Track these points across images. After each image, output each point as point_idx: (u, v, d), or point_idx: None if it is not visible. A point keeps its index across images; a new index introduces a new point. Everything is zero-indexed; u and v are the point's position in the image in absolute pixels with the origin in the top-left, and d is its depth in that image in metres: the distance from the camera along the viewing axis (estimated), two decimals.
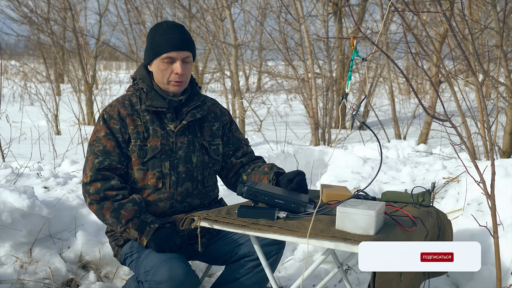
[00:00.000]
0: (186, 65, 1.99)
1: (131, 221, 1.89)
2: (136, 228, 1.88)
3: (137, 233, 1.88)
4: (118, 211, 1.89)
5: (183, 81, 2.00)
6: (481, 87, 1.99)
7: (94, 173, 1.91)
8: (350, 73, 1.66)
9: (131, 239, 1.96)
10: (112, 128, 1.96)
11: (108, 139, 1.95)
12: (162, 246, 1.87)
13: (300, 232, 1.59)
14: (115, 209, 1.89)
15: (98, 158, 1.93)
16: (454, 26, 3.61)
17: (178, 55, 1.96)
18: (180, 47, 1.96)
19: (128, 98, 2.03)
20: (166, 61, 1.97)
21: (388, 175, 3.66)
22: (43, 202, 2.55)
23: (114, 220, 1.90)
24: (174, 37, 1.96)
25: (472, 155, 2.21)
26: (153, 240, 1.87)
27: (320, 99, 6.81)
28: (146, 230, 1.88)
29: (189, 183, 2.00)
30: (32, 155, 4.05)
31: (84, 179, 1.94)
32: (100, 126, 1.97)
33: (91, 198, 1.91)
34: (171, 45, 1.95)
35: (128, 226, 1.89)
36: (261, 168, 2.09)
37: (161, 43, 1.96)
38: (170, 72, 1.97)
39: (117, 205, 1.89)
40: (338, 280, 2.57)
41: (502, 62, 3.82)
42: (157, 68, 1.99)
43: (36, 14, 9.38)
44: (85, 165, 1.97)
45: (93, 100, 8.19)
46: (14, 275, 2.34)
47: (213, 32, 7.29)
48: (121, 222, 1.89)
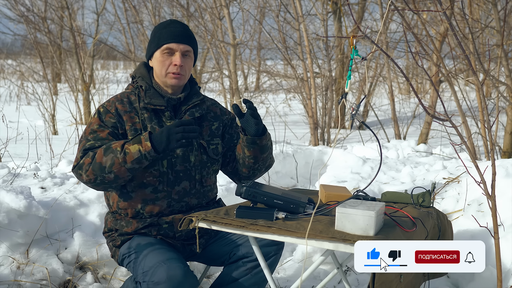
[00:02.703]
0: (186, 59, 2.00)
1: (125, 143, 1.83)
2: (133, 144, 1.82)
3: (137, 145, 1.81)
4: (109, 147, 1.84)
5: (181, 74, 1.99)
6: (481, 86, 1.97)
7: (83, 151, 1.88)
8: (350, 73, 1.65)
9: (136, 160, 1.82)
10: (107, 121, 1.94)
11: (103, 130, 1.93)
12: (169, 138, 1.80)
13: (299, 232, 1.58)
14: (105, 149, 1.84)
15: (90, 142, 1.91)
16: (455, 25, 3.60)
17: (178, 47, 1.98)
18: (180, 39, 1.98)
19: (127, 96, 2.02)
20: (166, 52, 1.98)
21: (388, 176, 3.65)
22: (40, 202, 2.53)
23: (111, 156, 1.82)
24: (175, 30, 1.99)
25: (473, 155, 2.20)
26: (156, 138, 1.81)
27: (319, 99, 6.80)
28: (143, 137, 1.82)
29: (187, 182, 1.99)
30: (29, 155, 4.04)
31: (74, 163, 1.90)
32: (94, 119, 1.97)
33: (83, 164, 1.85)
34: (172, 37, 1.97)
35: (126, 147, 1.82)
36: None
37: (162, 35, 1.99)
38: (169, 63, 1.98)
39: (106, 146, 1.85)
40: (338, 281, 2.56)
41: (503, 61, 3.81)
42: (156, 60, 2.00)
43: (33, 13, 9.37)
44: (76, 151, 1.94)
45: (90, 99, 8.16)
46: (11, 276, 2.32)
47: (212, 31, 7.27)
48: (118, 151, 1.82)
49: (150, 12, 8.84)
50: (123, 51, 10.83)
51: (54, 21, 9.73)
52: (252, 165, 2.04)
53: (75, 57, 8.52)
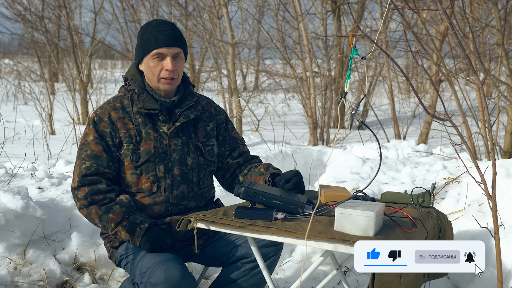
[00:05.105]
0: (177, 61, 1.95)
1: (120, 223, 1.87)
2: (126, 230, 1.86)
3: (128, 235, 1.87)
4: (106, 215, 1.87)
5: (174, 77, 1.96)
6: (482, 86, 1.96)
7: (81, 179, 1.89)
8: (349, 72, 1.64)
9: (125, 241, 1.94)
10: (102, 132, 1.93)
11: (97, 144, 1.92)
12: (154, 247, 1.85)
13: (298, 233, 1.57)
14: (103, 214, 1.87)
15: (86, 163, 1.91)
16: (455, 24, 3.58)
17: (168, 51, 1.93)
18: (170, 43, 1.93)
19: (120, 100, 1.99)
20: (156, 58, 1.93)
21: (388, 176, 3.64)
22: (37, 203, 2.52)
23: (104, 224, 1.89)
24: (163, 33, 1.93)
25: (473, 155, 2.19)
26: (145, 241, 1.85)
27: (319, 98, 6.78)
28: (137, 231, 1.86)
29: (185, 185, 1.98)
30: (26, 155, 4.02)
31: (72, 184, 1.93)
32: (89, 130, 1.95)
33: (80, 203, 1.90)
34: (160, 41, 1.92)
35: (119, 229, 1.87)
36: (257, 169, 2.07)
37: (150, 40, 1.93)
38: (160, 69, 1.94)
39: (105, 209, 1.87)
40: (337, 282, 2.55)
41: (503, 60, 3.80)
42: (147, 66, 1.96)
43: (30, 12, 9.34)
44: (73, 169, 1.95)
45: (88, 99, 8.14)
46: (8, 277, 2.31)
47: (210, 30, 7.25)
48: (111, 226, 1.87)
49: (148, 11, 8.82)
50: (121, 51, 10.81)
51: (51, 20, 9.71)
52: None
53: (72, 57, 8.50)
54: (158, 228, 1.89)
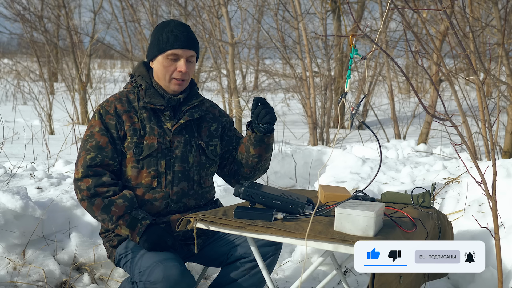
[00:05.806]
0: (190, 65, 2.00)
1: (121, 218, 1.86)
2: (127, 225, 1.86)
3: (129, 230, 1.86)
4: (108, 207, 1.87)
5: (185, 79, 2.00)
6: (482, 85, 1.96)
7: (85, 169, 1.89)
8: (349, 72, 1.64)
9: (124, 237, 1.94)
10: (107, 124, 1.94)
11: (102, 135, 1.93)
12: (154, 246, 1.85)
13: (298, 233, 1.57)
14: (105, 206, 1.87)
15: (90, 154, 1.91)
16: (455, 24, 3.58)
17: (183, 53, 1.97)
18: (186, 45, 1.98)
19: (126, 95, 2.02)
20: (171, 58, 1.97)
21: (388, 176, 3.64)
22: (37, 203, 2.52)
23: (104, 217, 1.88)
24: (181, 35, 1.98)
25: (473, 155, 2.18)
26: (146, 239, 1.85)
27: (319, 98, 6.78)
28: (138, 227, 1.86)
29: (185, 183, 1.98)
30: (25, 155, 4.01)
31: (75, 175, 1.92)
32: (95, 121, 1.96)
33: (82, 194, 1.89)
34: (178, 43, 1.96)
35: (119, 223, 1.86)
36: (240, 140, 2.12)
37: (168, 40, 1.97)
38: (173, 69, 1.98)
39: (108, 202, 1.87)
40: (337, 282, 2.55)
41: (504, 60, 3.80)
42: (160, 64, 1.99)
43: (30, 12, 9.33)
44: (77, 160, 1.95)
45: (87, 99, 8.14)
46: (7, 277, 2.31)
47: (210, 30, 7.24)
48: (112, 219, 1.87)
49: (147, 11, 8.81)
50: (120, 50, 10.80)
51: (50, 19, 9.70)
52: (255, 164, 2.07)
53: (71, 56, 8.50)
54: (159, 228, 1.88)
